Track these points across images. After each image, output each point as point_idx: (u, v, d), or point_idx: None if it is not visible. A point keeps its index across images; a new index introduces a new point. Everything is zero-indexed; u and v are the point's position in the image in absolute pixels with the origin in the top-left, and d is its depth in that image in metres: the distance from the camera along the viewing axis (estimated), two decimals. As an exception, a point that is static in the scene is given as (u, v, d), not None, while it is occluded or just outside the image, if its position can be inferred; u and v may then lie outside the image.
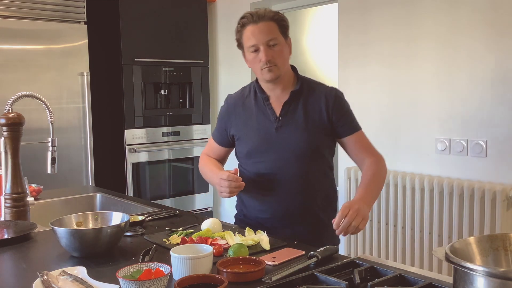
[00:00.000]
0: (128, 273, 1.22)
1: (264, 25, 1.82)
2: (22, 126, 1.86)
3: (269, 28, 1.82)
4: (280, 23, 1.85)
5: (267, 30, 1.82)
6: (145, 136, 4.05)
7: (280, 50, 1.83)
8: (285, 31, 1.87)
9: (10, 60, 3.38)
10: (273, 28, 1.83)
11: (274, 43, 1.81)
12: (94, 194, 2.44)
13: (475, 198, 2.79)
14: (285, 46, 1.86)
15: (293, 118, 1.86)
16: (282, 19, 1.86)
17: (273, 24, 1.84)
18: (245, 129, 1.93)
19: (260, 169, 1.87)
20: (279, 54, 1.82)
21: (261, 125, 1.89)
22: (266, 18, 1.83)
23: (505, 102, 2.76)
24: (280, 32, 1.84)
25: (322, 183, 1.91)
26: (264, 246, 1.52)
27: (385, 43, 3.24)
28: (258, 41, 1.81)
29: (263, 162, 1.87)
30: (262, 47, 1.80)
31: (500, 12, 2.74)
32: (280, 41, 1.83)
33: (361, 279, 1.23)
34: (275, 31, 1.83)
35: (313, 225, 1.86)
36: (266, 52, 1.80)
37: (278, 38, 1.82)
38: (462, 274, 0.96)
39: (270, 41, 1.80)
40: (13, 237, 1.67)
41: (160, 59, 4.09)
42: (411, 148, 3.16)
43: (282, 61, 1.84)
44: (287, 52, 1.88)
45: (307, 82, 1.92)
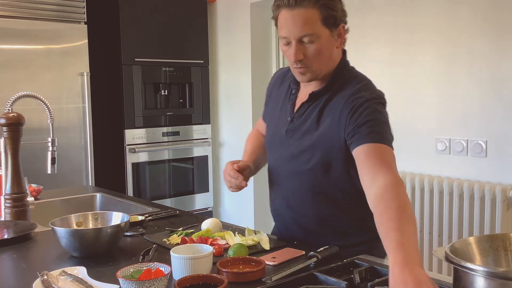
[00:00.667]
0: (128, 273, 1.22)
1: (300, 13, 1.41)
2: (22, 126, 1.86)
3: (306, 19, 1.41)
4: (326, 11, 1.42)
5: (302, 22, 1.41)
6: (145, 136, 4.05)
7: (318, 49, 1.44)
8: (332, 20, 1.44)
9: (10, 60, 3.38)
10: (312, 19, 1.41)
11: (310, 40, 1.43)
12: (94, 194, 2.44)
13: (475, 198, 2.79)
14: (329, 41, 1.46)
15: (304, 124, 1.55)
16: (329, 5, 1.42)
17: (314, 12, 1.41)
18: (269, 116, 1.71)
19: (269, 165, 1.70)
20: (315, 54, 1.45)
21: (279, 120, 1.63)
22: (305, 3, 1.41)
23: (505, 102, 2.76)
24: (323, 23, 1.43)
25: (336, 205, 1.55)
26: (264, 246, 1.52)
27: (385, 43, 3.24)
28: (289, 34, 1.44)
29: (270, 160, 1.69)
30: (293, 42, 1.44)
31: (500, 11, 2.74)
32: (321, 35, 1.43)
33: (361, 279, 1.23)
34: (315, 23, 1.42)
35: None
36: (297, 51, 1.44)
37: (317, 32, 1.42)
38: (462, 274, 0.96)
39: (305, 37, 1.43)
40: (13, 237, 1.67)
41: (160, 59, 4.08)
42: (411, 148, 3.16)
43: (319, 62, 1.47)
44: (331, 48, 1.48)
45: (342, 79, 1.53)
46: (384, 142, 1.40)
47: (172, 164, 4.22)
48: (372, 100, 1.46)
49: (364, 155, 1.38)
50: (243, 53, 4.15)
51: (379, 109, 1.46)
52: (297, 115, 1.57)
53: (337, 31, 1.48)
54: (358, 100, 1.45)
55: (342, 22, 1.49)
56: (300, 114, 1.56)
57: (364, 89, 1.49)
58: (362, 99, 1.45)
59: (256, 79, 4.12)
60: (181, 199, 4.27)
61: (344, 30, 1.51)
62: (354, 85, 1.50)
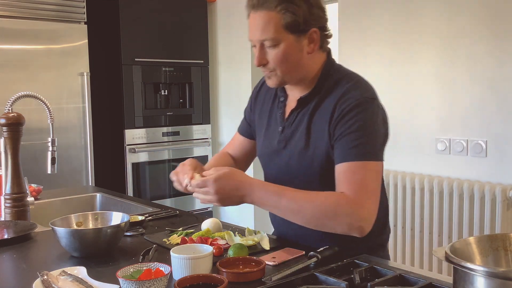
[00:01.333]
0: (128, 273, 1.22)
1: (261, 16, 1.36)
2: (22, 126, 1.86)
3: (266, 22, 1.36)
4: (288, 16, 1.35)
5: (263, 25, 1.36)
6: (145, 136, 4.05)
7: (280, 55, 1.38)
8: (296, 26, 1.36)
9: (10, 60, 3.38)
10: (273, 23, 1.35)
11: (271, 44, 1.38)
12: (94, 194, 2.44)
13: (475, 198, 2.79)
14: (294, 47, 1.39)
15: (296, 132, 1.48)
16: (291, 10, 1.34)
17: (275, 16, 1.35)
18: (258, 126, 1.64)
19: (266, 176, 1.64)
20: (278, 60, 1.39)
21: (268, 130, 1.57)
22: (266, 7, 1.35)
23: (505, 102, 2.76)
24: (285, 28, 1.36)
25: None
26: (264, 246, 1.52)
27: (385, 43, 3.24)
28: (252, 37, 1.41)
29: (266, 171, 1.63)
30: (257, 45, 1.40)
31: (500, 12, 2.74)
32: (283, 41, 1.37)
33: (361, 279, 1.22)
34: (276, 28, 1.36)
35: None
36: (259, 55, 1.40)
37: (278, 37, 1.36)
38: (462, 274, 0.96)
39: (265, 41, 1.38)
40: (13, 237, 1.67)
41: (160, 59, 4.09)
42: (411, 148, 3.16)
43: (284, 68, 1.41)
44: (297, 54, 1.40)
45: (330, 80, 1.46)
46: (367, 158, 1.35)
47: (172, 164, 4.22)
48: (362, 102, 1.38)
49: (342, 174, 1.36)
50: (243, 53, 4.15)
51: (369, 112, 1.39)
52: (288, 124, 1.50)
53: (306, 37, 1.40)
54: (347, 104, 1.38)
55: (313, 26, 1.40)
56: (291, 122, 1.50)
57: (354, 89, 1.41)
58: (351, 102, 1.38)
59: (256, 79, 4.11)
60: (181, 199, 4.27)
61: (318, 35, 1.42)
62: (344, 85, 1.43)
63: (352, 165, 1.35)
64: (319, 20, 1.42)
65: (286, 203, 1.37)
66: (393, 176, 3.14)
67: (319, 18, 1.42)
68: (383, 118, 1.46)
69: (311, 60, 1.45)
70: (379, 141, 1.41)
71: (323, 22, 1.44)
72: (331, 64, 1.51)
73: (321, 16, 1.43)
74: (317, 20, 1.41)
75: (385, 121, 1.47)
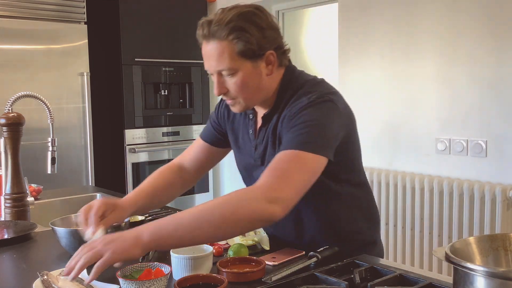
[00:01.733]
0: (128, 273, 1.22)
1: (215, 46, 1.33)
2: (22, 126, 1.86)
3: (220, 52, 1.33)
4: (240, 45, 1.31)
5: (217, 55, 1.33)
6: (145, 136, 4.05)
7: (239, 82, 1.35)
8: (251, 53, 1.33)
9: (10, 60, 3.38)
10: (227, 53, 1.32)
11: (228, 73, 1.35)
12: (94, 194, 2.44)
13: (475, 198, 2.79)
14: (252, 73, 1.36)
15: (266, 149, 1.46)
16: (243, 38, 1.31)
17: (228, 45, 1.32)
18: (231, 139, 1.62)
19: None
20: (238, 88, 1.36)
21: (244, 147, 1.56)
22: (217, 36, 1.32)
23: (505, 102, 2.76)
24: (240, 56, 1.33)
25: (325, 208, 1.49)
26: (264, 246, 1.52)
27: (385, 43, 3.24)
28: (208, 67, 1.38)
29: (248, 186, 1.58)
30: (214, 75, 1.38)
31: (501, 11, 2.74)
32: (240, 68, 1.34)
33: (361, 279, 1.23)
34: (231, 57, 1.32)
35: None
36: (218, 85, 1.38)
37: (234, 66, 1.33)
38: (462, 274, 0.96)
39: (222, 71, 1.35)
40: (13, 237, 1.67)
41: (160, 59, 4.09)
42: (411, 148, 3.16)
43: (245, 94, 1.38)
44: (256, 78, 1.37)
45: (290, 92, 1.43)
46: (303, 148, 1.28)
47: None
48: (308, 105, 1.34)
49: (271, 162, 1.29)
50: (243, 53, 4.14)
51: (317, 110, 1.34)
52: (259, 141, 1.49)
53: (263, 60, 1.37)
54: (293, 109, 1.36)
55: (269, 49, 1.36)
56: (261, 140, 1.48)
57: (306, 94, 1.38)
58: (297, 108, 1.35)
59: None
60: (181, 199, 4.27)
61: (275, 56, 1.38)
62: (300, 93, 1.40)
63: (285, 153, 1.29)
64: (274, 42, 1.38)
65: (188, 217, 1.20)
66: (393, 176, 3.14)
67: (273, 40, 1.38)
68: (340, 117, 1.38)
69: (271, 80, 1.43)
70: (325, 137, 1.33)
71: (278, 42, 1.40)
72: (291, 75, 1.46)
73: (275, 37, 1.39)
74: (271, 42, 1.37)
75: (344, 121, 1.40)
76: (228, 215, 1.20)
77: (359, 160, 1.54)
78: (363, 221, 1.55)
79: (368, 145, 3.35)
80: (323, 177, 1.38)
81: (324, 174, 1.36)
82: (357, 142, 1.51)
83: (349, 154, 1.47)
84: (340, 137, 1.38)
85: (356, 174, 1.53)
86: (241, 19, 1.32)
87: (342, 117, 1.39)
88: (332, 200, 1.49)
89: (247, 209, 1.20)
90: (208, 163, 1.70)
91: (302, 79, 1.46)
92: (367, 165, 3.31)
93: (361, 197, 1.55)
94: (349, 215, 1.52)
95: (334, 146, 1.36)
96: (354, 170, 1.52)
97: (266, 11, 1.40)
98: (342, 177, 1.47)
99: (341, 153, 1.40)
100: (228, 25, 1.31)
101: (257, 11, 1.36)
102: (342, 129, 1.39)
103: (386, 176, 3.16)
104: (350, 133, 1.44)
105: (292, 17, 4.45)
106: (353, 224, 1.53)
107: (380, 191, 3.19)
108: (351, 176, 1.50)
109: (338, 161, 1.39)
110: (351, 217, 1.52)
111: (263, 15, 1.37)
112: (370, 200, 1.59)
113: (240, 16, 1.32)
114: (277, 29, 1.41)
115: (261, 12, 1.37)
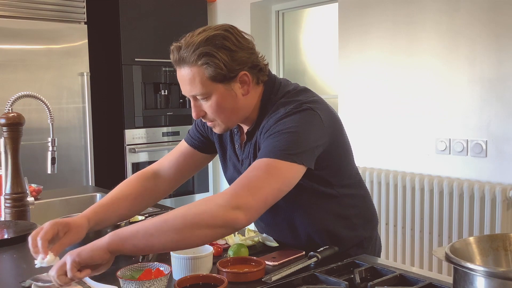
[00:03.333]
0: (128, 273, 1.22)
1: (186, 72, 1.33)
2: (22, 126, 1.86)
3: (191, 78, 1.32)
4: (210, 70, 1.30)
5: (189, 81, 1.33)
6: (145, 136, 4.05)
7: (214, 106, 1.35)
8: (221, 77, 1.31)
9: (10, 60, 3.38)
10: (198, 78, 1.31)
11: (202, 98, 1.35)
12: (94, 194, 2.44)
13: (475, 198, 2.79)
14: (226, 95, 1.34)
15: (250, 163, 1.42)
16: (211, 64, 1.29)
17: (198, 71, 1.31)
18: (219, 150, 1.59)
19: None
20: (213, 111, 1.36)
21: (231, 160, 1.55)
22: (187, 62, 1.31)
23: (505, 102, 2.76)
24: (212, 81, 1.31)
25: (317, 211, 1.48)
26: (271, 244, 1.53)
27: (385, 43, 3.24)
28: (183, 92, 1.38)
29: None
30: (191, 99, 1.39)
31: (501, 11, 2.74)
32: (213, 92, 1.33)
33: (361, 279, 1.23)
34: (202, 82, 1.31)
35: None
36: (195, 108, 1.38)
37: (207, 91, 1.32)
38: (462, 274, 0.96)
39: (196, 95, 1.35)
40: (13, 237, 1.67)
41: (160, 59, 4.09)
42: (411, 148, 3.16)
43: (222, 116, 1.38)
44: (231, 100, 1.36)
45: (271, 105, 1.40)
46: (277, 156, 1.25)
47: (172, 164, 4.22)
48: (285, 115, 1.32)
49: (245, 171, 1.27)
50: (243, 53, 4.14)
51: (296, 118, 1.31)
52: (244, 156, 1.48)
53: (236, 81, 1.34)
54: (270, 121, 1.35)
55: (241, 70, 1.34)
56: (246, 155, 1.47)
57: (283, 105, 1.36)
58: (274, 119, 1.34)
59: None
60: (181, 199, 4.27)
61: (248, 76, 1.35)
62: (278, 105, 1.38)
63: (258, 162, 1.27)
64: (246, 62, 1.35)
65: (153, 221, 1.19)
66: (393, 176, 3.14)
67: (245, 60, 1.35)
68: (319, 125, 1.34)
69: (250, 98, 1.40)
70: (301, 144, 1.29)
71: (251, 62, 1.37)
72: (270, 89, 1.43)
73: (248, 57, 1.35)
74: (243, 63, 1.34)
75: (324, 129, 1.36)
76: (189, 219, 1.17)
77: (350, 163, 1.52)
78: (358, 219, 1.54)
79: (368, 145, 3.35)
80: (313, 183, 1.40)
81: (313, 180, 1.38)
82: (345, 145, 1.48)
83: (336, 159, 1.44)
84: (322, 144, 1.35)
85: (347, 176, 1.51)
86: (209, 44, 1.30)
87: (322, 124, 1.35)
88: (324, 203, 1.48)
89: (209, 214, 1.17)
90: (189, 169, 1.66)
91: (282, 91, 1.43)
92: (367, 165, 3.33)
93: (355, 196, 1.54)
94: (342, 214, 1.51)
95: (314, 153, 1.33)
96: (345, 173, 1.49)
97: (238, 30, 1.37)
98: (332, 181, 1.45)
99: (328, 159, 1.39)
100: (196, 51, 1.30)
101: (226, 34, 1.33)
102: (324, 137, 1.35)
103: (386, 176, 3.16)
104: (334, 139, 1.41)
105: (291, 17, 4.45)
106: (347, 222, 1.52)
107: (380, 191, 3.19)
108: (342, 179, 1.48)
109: (325, 167, 1.39)
110: (345, 216, 1.51)
111: (233, 36, 1.34)
112: (365, 199, 1.58)
113: (207, 41, 1.30)
114: (250, 48, 1.37)
115: (231, 34, 1.34)
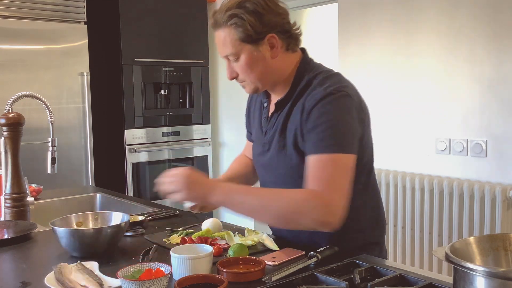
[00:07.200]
0: (128, 273, 1.22)
1: (219, 34, 1.45)
2: (22, 126, 1.86)
3: (224, 39, 1.43)
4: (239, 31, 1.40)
5: (222, 42, 1.44)
6: (145, 136, 4.05)
7: (243, 66, 1.44)
8: (250, 38, 1.40)
9: (10, 60, 3.38)
10: (229, 39, 1.42)
11: (233, 59, 1.45)
12: (94, 194, 2.44)
13: (475, 198, 2.79)
14: (255, 56, 1.43)
15: (275, 134, 1.51)
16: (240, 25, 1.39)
17: (229, 32, 1.42)
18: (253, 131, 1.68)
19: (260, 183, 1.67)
20: (243, 71, 1.46)
21: (258, 135, 1.61)
22: (220, 24, 1.43)
23: (505, 102, 2.76)
24: (241, 41, 1.41)
25: None
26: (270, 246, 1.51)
27: (385, 43, 3.24)
28: (220, 54, 1.49)
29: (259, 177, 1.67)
30: (225, 60, 1.49)
31: (501, 11, 2.74)
32: (242, 53, 1.43)
33: (361, 279, 1.23)
34: (233, 42, 1.42)
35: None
36: (228, 69, 1.49)
37: (236, 51, 1.43)
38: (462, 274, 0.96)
39: (228, 56, 1.46)
40: (13, 237, 1.67)
41: (160, 59, 4.09)
42: (411, 148, 3.16)
43: (252, 77, 1.46)
44: (260, 61, 1.44)
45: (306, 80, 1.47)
46: (335, 150, 1.34)
47: (172, 164, 4.22)
48: (326, 97, 1.38)
49: (311, 169, 1.36)
50: (243, 53, 4.14)
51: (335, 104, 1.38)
52: (269, 127, 1.54)
53: (265, 44, 1.43)
54: (311, 101, 1.40)
55: (269, 33, 1.42)
56: (271, 125, 1.53)
57: (321, 84, 1.42)
58: (315, 99, 1.39)
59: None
60: (181, 199, 4.27)
61: (277, 40, 1.43)
62: (314, 83, 1.44)
63: (320, 158, 1.35)
64: (275, 26, 1.43)
65: (251, 200, 1.40)
66: (393, 176, 3.14)
67: (274, 24, 1.43)
68: (357, 111, 1.42)
69: (281, 63, 1.48)
70: (349, 134, 1.38)
71: (281, 26, 1.45)
72: (306, 64, 1.51)
73: (277, 21, 1.43)
74: (271, 27, 1.42)
75: (360, 115, 1.43)
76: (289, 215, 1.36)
77: (370, 160, 1.53)
78: (367, 221, 1.55)
79: (368, 145, 3.34)
80: None
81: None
82: (369, 139, 1.50)
83: (360, 152, 1.44)
84: (359, 131, 1.42)
85: (365, 175, 1.51)
86: (239, 7, 1.40)
87: (358, 111, 1.43)
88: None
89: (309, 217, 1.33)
90: None
91: (318, 69, 1.49)
92: (367, 165, 3.33)
93: (368, 198, 1.55)
94: (353, 215, 1.47)
95: (357, 140, 1.41)
96: (364, 170, 1.50)
97: None
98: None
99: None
100: (226, 13, 1.41)
101: None
102: (360, 124, 1.43)
103: (386, 176, 3.16)
104: (364, 129, 1.46)
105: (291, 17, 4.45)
106: (356, 223, 1.51)
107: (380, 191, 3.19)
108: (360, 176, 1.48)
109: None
110: (355, 217, 1.49)
111: (264, 1, 1.42)
112: (377, 202, 1.59)
113: (239, 4, 1.41)
114: (280, 14, 1.45)
115: None
